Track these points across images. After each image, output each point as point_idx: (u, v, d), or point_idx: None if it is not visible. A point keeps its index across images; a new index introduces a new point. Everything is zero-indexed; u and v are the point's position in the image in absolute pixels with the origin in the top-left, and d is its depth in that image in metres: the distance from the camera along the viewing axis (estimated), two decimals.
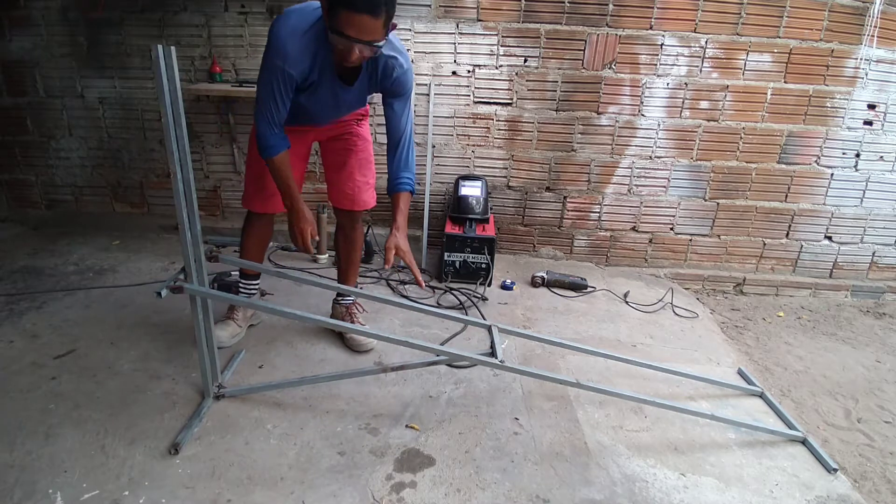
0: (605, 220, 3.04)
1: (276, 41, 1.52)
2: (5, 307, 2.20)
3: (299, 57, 1.53)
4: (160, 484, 1.38)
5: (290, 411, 1.68)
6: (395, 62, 1.62)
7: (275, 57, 1.53)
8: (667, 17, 2.66)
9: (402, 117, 1.73)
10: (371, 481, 1.44)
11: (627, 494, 1.46)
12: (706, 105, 2.81)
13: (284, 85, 1.55)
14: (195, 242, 1.48)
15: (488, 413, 1.74)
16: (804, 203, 2.98)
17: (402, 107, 1.72)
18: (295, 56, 1.52)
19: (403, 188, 1.73)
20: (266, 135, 1.62)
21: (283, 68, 1.53)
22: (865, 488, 1.68)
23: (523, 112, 2.86)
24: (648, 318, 2.52)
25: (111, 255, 2.80)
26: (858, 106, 2.81)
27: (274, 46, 1.52)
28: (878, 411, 2.08)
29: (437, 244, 2.96)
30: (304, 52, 1.53)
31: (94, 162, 3.07)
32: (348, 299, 2.17)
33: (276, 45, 1.52)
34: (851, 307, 3.01)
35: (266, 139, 1.62)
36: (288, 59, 1.52)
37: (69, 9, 2.77)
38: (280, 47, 1.51)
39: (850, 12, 2.65)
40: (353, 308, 2.16)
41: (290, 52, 1.52)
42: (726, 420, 1.73)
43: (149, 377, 1.80)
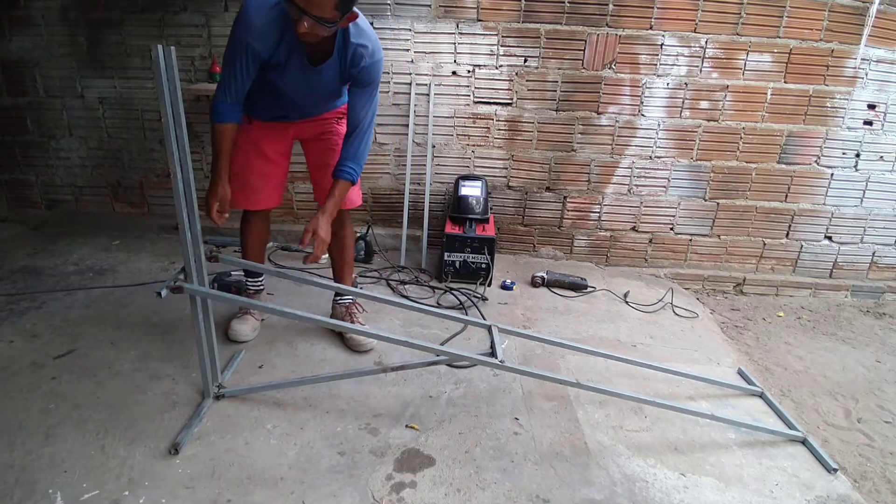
0: (605, 220, 3.04)
1: (242, 14, 1.54)
2: (5, 307, 2.20)
3: (265, 31, 1.55)
4: (160, 484, 1.38)
5: (290, 411, 1.68)
6: (365, 51, 1.63)
7: (240, 29, 1.55)
8: (667, 17, 2.66)
9: (363, 108, 1.73)
10: (371, 481, 1.44)
11: (627, 494, 1.46)
12: (706, 105, 2.81)
13: (246, 57, 1.57)
14: (195, 242, 1.48)
15: (488, 413, 1.74)
16: (804, 203, 2.98)
17: (364, 97, 1.72)
18: (260, 30, 1.54)
19: (343, 176, 1.73)
20: (219, 101, 1.64)
21: (247, 41, 1.55)
22: (865, 488, 1.68)
23: (523, 112, 2.86)
24: (648, 318, 2.52)
25: (111, 255, 2.80)
26: (858, 106, 2.81)
27: (240, 19, 1.54)
28: (878, 411, 2.08)
29: (437, 244, 2.96)
30: (270, 27, 1.55)
31: (94, 162, 3.07)
32: (347, 299, 2.17)
33: (242, 18, 1.54)
34: (851, 307, 3.01)
35: (218, 105, 1.64)
36: (252, 31, 1.54)
37: (69, 9, 2.77)
38: (245, 20, 1.53)
39: (849, 12, 2.65)
40: (352, 308, 2.16)
41: (255, 26, 1.54)
42: (726, 420, 1.73)
43: (149, 377, 1.80)
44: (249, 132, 1.85)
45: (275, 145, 1.91)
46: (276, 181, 1.97)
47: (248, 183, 1.90)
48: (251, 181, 1.90)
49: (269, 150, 1.90)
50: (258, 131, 1.87)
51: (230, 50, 1.59)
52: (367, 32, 1.63)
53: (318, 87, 1.74)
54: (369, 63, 1.65)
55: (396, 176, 3.00)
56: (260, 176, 1.92)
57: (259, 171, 1.91)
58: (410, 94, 2.82)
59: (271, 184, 1.95)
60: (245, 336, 2.03)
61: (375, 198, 3.06)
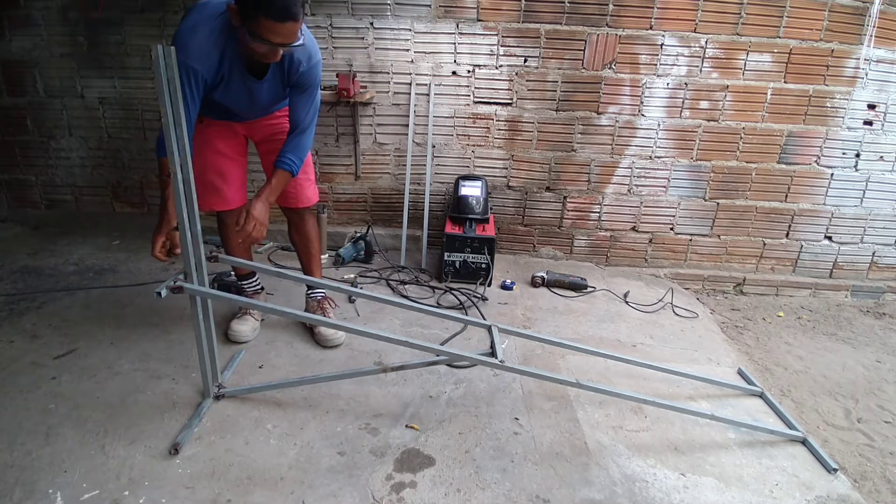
0: (605, 220, 3.04)
1: (178, 39, 1.52)
2: (5, 307, 2.20)
3: (203, 52, 1.53)
4: (160, 484, 1.38)
5: (290, 411, 1.68)
6: (303, 56, 1.65)
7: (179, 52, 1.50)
8: (667, 17, 2.66)
9: (303, 109, 1.75)
10: (371, 481, 1.44)
11: (627, 494, 1.46)
12: (706, 105, 2.81)
13: (190, 82, 1.53)
14: (195, 242, 1.48)
15: (488, 413, 1.74)
16: (804, 203, 2.98)
17: (304, 99, 1.74)
18: (198, 51, 1.52)
19: (283, 166, 1.76)
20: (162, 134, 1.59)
21: (188, 64, 1.51)
22: (865, 488, 1.68)
23: (523, 112, 2.86)
24: (648, 318, 2.52)
25: (111, 255, 2.80)
26: (858, 106, 2.81)
27: (177, 42, 1.51)
28: (878, 411, 2.08)
29: (437, 244, 2.96)
30: (208, 47, 1.53)
31: (94, 162, 3.07)
32: (319, 293, 2.19)
33: (179, 41, 1.52)
34: (851, 307, 3.01)
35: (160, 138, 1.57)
36: (191, 54, 1.51)
37: (69, 9, 2.77)
38: (182, 44, 1.50)
39: (850, 12, 2.65)
40: (324, 302, 2.17)
41: (193, 48, 1.51)
42: (726, 420, 1.73)
43: (149, 377, 1.80)
44: (202, 131, 1.83)
45: (228, 142, 1.91)
46: (237, 179, 1.97)
47: (210, 183, 1.89)
48: (212, 181, 1.90)
49: (223, 147, 1.90)
50: (210, 129, 1.86)
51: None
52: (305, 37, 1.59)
53: (262, 96, 1.74)
54: (307, 68, 1.68)
55: (396, 176, 3.00)
56: (219, 175, 1.91)
57: (218, 169, 1.90)
58: (410, 94, 2.82)
59: (233, 183, 1.95)
60: (245, 336, 2.03)
61: (375, 198, 3.06)
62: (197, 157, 1.80)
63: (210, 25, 1.52)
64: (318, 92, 1.79)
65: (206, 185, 1.89)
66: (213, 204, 1.94)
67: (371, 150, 2.96)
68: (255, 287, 2.19)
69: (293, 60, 1.64)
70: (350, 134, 2.92)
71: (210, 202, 1.92)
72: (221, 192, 1.92)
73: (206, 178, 1.88)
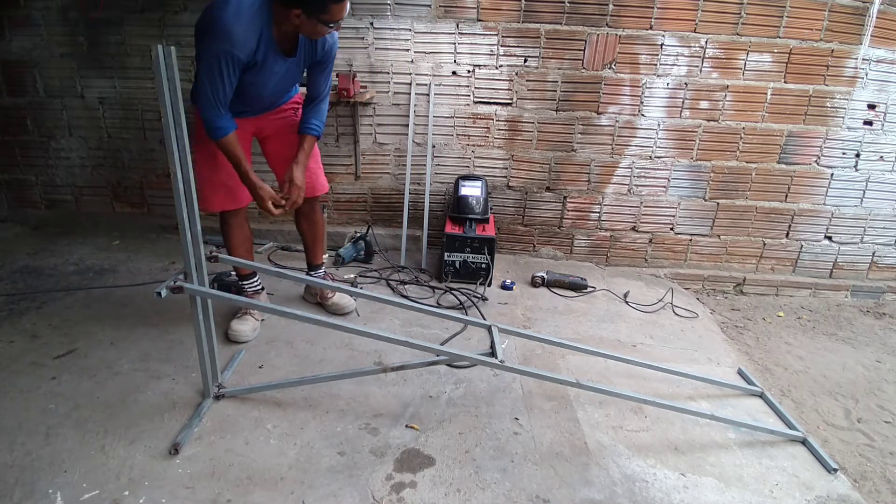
0: (605, 220, 3.04)
1: (220, 26, 1.56)
2: (5, 307, 2.20)
3: (246, 38, 1.59)
4: (160, 484, 1.38)
5: (290, 411, 1.68)
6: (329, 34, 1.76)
7: (221, 42, 1.57)
8: (667, 17, 2.66)
9: (324, 82, 1.93)
10: (371, 481, 1.44)
11: (627, 494, 1.46)
12: (706, 105, 2.81)
13: (231, 67, 1.61)
14: (195, 242, 1.48)
15: (488, 413, 1.74)
16: (804, 203, 2.98)
17: (325, 73, 1.91)
18: (242, 39, 1.58)
19: (311, 132, 1.94)
20: (213, 117, 1.67)
21: (231, 52, 1.57)
22: (865, 488, 1.68)
23: (523, 112, 2.86)
24: (648, 318, 2.52)
25: (111, 255, 2.80)
26: (858, 106, 2.81)
27: (219, 31, 1.56)
28: (878, 411, 2.08)
29: (437, 244, 2.96)
30: (249, 33, 1.59)
31: (94, 162, 3.07)
32: (321, 272, 2.33)
33: (222, 29, 1.56)
34: (851, 307, 3.01)
35: (214, 121, 1.67)
36: (236, 43, 1.57)
37: (69, 9, 2.77)
38: (227, 32, 1.56)
39: (849, 12, 2.64)
40: (326, 278, 2.32)
41: (238, 36, 1.57)
42: (726, 420, 1.73)
43: (149, 377, 1.80)
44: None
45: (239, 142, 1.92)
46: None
47: (222, 183, 1.93)
48: (225, 181, 1.92)
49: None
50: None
51: (212, 64, 1.60)
52: None
53: (287, 77, 1.84)
54: (331, 43, 1.83)
55: (396, 176, 3.00)
56: (231, 175, 1.91)
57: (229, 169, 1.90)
58: (410, 94, 2.82)
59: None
60: (245, 336, 2.03)
61: (375, 198, 3.06)
62: (209, 158, 1.88)
63: (249, 13, 1.59)
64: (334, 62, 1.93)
65: (218, 185, 1.92)
66: (225, 204, 1.97)
67: (371, 150, 2.96)
68: (256, 287, 2.19)
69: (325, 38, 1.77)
70: (350, 134, 2.92)
71: (222, 202, 1.96)
72: (233, 191, 1.95)
73: (218, 179, 1.91)
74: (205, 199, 1.95)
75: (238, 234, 2.05)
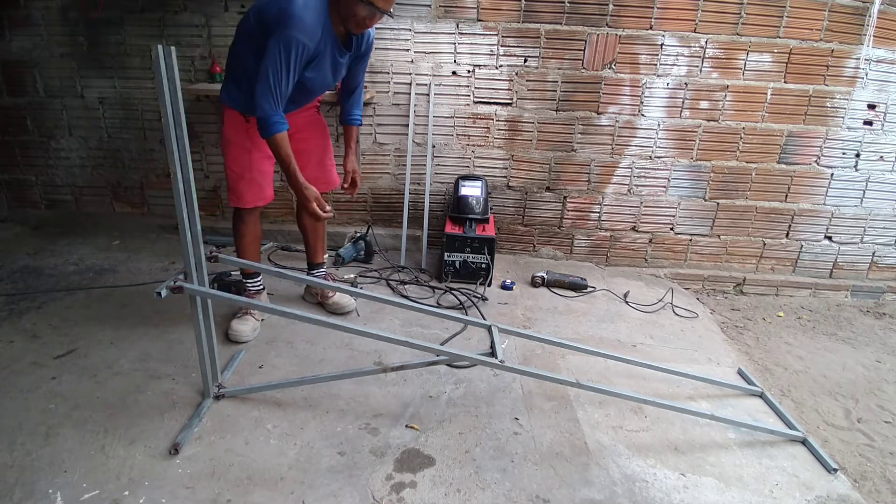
0: (605, 220, 3.04)
1: (291, 15, 1.58)
2: (5, 307, 2.20)
3: (314, 28, 1.63)
4: (160, 484, 1.38)
5: (290, 411, 1.68)
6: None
7: (293, 30, 1.59)
8: (667, 17, 2.66)
9: (362, 73, 2.05)
10: (371, 481, 1.44)
11: (627, 494, 1.46)
12: (706, 105, 2.81)
13: (298, 57, 1.63)
14: (195, 242, 1.48)
15: (488, 413, 1.74)
16: (804, 203, 2.98)
17: (364, 65, 2.03)
18: (312, 28, 1.62)
19: (355, 122, 2.12)
20: (271, 113, 1.67)
21: (302, 41, 1.61)
22: (865, 488, 1.68)
23: (523, 112, 2.86)
24: (648, 318, 2.52)
25: (111, 255, 2.80)
26: (858, 106, 2.81)
27: (291, 20, 1.58)
28: (878, 411, 2.08)
29: (437, 244, 2.96)
30: (316, 23, 1.64)
31: (94, 162, 3.07)
32: (321, 271, 2.36)
33: (293, 19, 1.58)
34: (851, 307, 3.01)
35: (271, 116, 1.67)
36: (307, 31, 1.61)
37: (69, 9, 2.77)
38: (298, 20, 1.58)
39: (850, 12, 2.64)
40: (327, 277, 2.35)
41: (308, 25, 1.61)
42: (726, 420, 1.73)
43: (149, 377, 1.80)
44: (249, 130, 1.89)
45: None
46: (271, 177, 2.07)
47: (254, 180, 1.98)
48: (256, 178, 1.98)
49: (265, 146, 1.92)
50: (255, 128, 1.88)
51: (279, 55, 1.60)
52: None
53: (341, 72, 1.91)
54: (372, 35, 1.93)
55: (396, 176, 3.00)
56: (262, 173, 2.00)
57: (261, 168, 1.98)
58: (410, 94, 2.82)
59: (269, 179, 2.05)
60: (245, 336, 2.04)
61: (375, 198, 3.06)
62: (243, 155, 1.94)
63: (314, 3, 1.63)
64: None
65: (251, 182, 1.98)
66: (255, 200, 2.02)
67: (371, 150, 2.96)
68: (258, 286, 2.19)
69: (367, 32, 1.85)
70: None
71: (253, 198, 2.01)
72: (263, 189, 2.02)
73: (251, 176, 1.97)
74: (239, 196, 2.00)
75: (251, 232, 2.08)
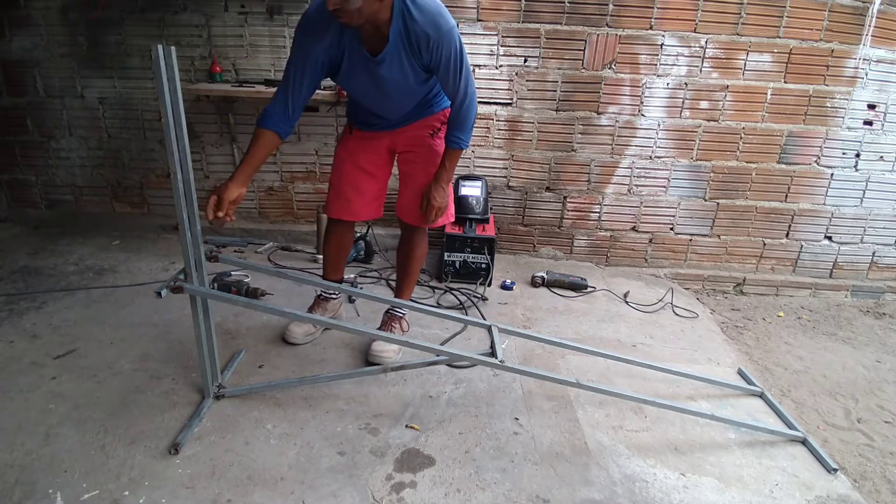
0: (605, 220, 3.04)
1: (304, 14, 1.55)
2: (5, 307, 2.20)
3: (320, 27, 1.53)
4: (160, 484, 1.38)
5: (290, 411, 1.68)
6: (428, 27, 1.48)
7: (298, 30, 1.56)
8: (667, 17, 2.66)
9: (453, 83, 1.61)
10: (371, 481, 1.44)
11: (627, 494, 1.46)
12: (706, 105, 2.81)
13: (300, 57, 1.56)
14: (195, 242, 1.48)
15: (488, 413, 1.74)
16: (804, 203, 2.98)
17: (450, 73, 1.58)
18: (314, 23, 1.53)
19: (451, 145, 1.75)
20: (268, 106, 1.61)
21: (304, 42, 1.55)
22: (865, 488, 1.68)
23: (523, 112, 2.86)
24: (648, 318, 2.52)
25: (111, 255, 2.80)
26: (858, 106, 2.81)
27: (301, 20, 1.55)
28: (878, 411, 2.08)
29: (437, 244, 2.96)
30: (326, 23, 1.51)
31: (94, 162, 3.07)
32: (399, 311, 2.07)
33: (303, 18, 1.55)
34: (851, 307, 3.01)
35: (266, 110, 1.60)
36: (310, 31, 1.54)
37: (69, 9, 2.77)
38: (305, 20, 1.55)
39: (849, 12, 2.64)
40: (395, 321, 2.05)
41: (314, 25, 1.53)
42: (726, 420, 1.73)
43: (149, 377, 1.80)
44: (347, 143, 1.90)
45: (370, 156, 1.89)
46: (369, 194, 1.93)
47: (343, 194, 1.90)
48: (344, 191, 1.90)
49: (364, 161, 1.89)
50: (355, 142, 1.89)
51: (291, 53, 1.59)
52: (426, 7, 1.48)
53: (388, 84, 1.63)
54: (437, 38, 1.49)
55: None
56: (353, 188, 1.90)
57: (353, 182, 1.89)
58: None
59: (366, 197, 1.93)
60: (296, 338, 2.02)
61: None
62: (338, 165, 1.89)
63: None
64: (462, 60, 1.58)
65: (340, 194, 1.91)
66: (341, 213, 1.93)
67: None
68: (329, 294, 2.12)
69: (418, 35, 1.49)
70: None
71: (339, 211, 1.93)
72: (352, 204, 1.91)
73: (340, 188, 1.90)
74: (327, 204, 1.96)
75: (331, 241, 2.00)
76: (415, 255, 2.02)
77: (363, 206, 1.94)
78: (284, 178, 3.04)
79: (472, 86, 1.65)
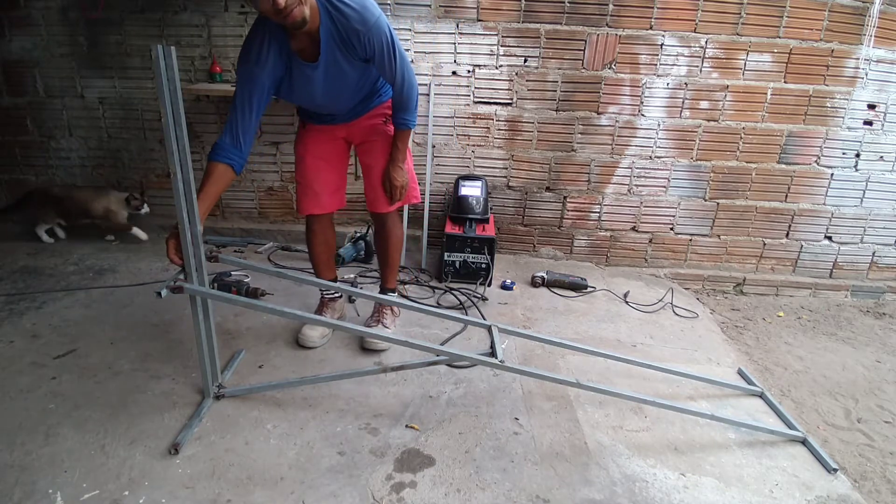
0: (605, 220, 3.04)
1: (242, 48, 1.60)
2: (5, 307, 2.20)
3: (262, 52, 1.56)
4: (160, 484, 1.38)
5: (290, 411, 1.68)
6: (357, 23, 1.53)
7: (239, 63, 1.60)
8: (667, 17, 2.66)
9: (390, 71, 1.67)
10: (371, 481, 1.44)
11: (627, 494, 1.46)
12: (706, 105, 2.81)
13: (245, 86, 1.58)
14: (195, 242, 1.48)
15: (488, 413, 1.74)
16: (804, 203, 2.98)
17: (386, 63, 1.64)
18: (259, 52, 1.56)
19: (399, 126, 1.82)
20: (218, 140, 1.60)
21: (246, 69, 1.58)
22: (865, 488, 1.68)
23: (523, 112, 2.86)
24: (648, 318, 2.52)
25: (111, 255, 2.80)
26: (858, 106, 2.81)
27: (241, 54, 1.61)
28: (878, 411, 2.08)
29: (437, 244, 2.96)
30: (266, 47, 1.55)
31: (94, 162, 3.07)
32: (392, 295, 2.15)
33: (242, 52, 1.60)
34: (851, 307, 3.01)
35: (216, 143, 1.60)
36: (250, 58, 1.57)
37: (69, 9, 2.77)
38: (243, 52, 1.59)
39: (850, 12, 2.65)
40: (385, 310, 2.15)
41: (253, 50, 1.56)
42: (726, 420, 1.73)
43: (149, 377, 1.80)
44: (304, 138, 1.92)
45: (327, 146, 1.94)
46: (332, 184, 1.98)
47: (309, 187, 1.94)
48: (311, 185, 1.94)
49: (322, 151, 1.93)
50: (311, 136, 1.92)
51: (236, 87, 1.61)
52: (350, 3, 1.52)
53: (330, 85, 1.67)
54: (366, 31, 1.54)
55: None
56: (318, 179, 1.94)
57: (317, 174, 1.93)
58: None
59: (331, 188, 1.98)
60: (312, 342, 2.02)
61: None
62: (300, 162, 1.92)
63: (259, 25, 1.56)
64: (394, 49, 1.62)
65: (307, 188, 1.94)
66: (310, 208, 1.97)
67: None
68: (332, 294, 2.15)
69: (346, 32, 1.54)
70: None
71: (310, 206, 1.96)
72: (319, 196, 1.95)
73: (306, 182, 1.94)
74: (297, 202, 2.00)
75: (315, 238, 2.03)
76: (392, 242, 2.10)
77: (328, 198, 1.98)
78: (284, 178, 3.04)
79: (409, 69, 1.71)
